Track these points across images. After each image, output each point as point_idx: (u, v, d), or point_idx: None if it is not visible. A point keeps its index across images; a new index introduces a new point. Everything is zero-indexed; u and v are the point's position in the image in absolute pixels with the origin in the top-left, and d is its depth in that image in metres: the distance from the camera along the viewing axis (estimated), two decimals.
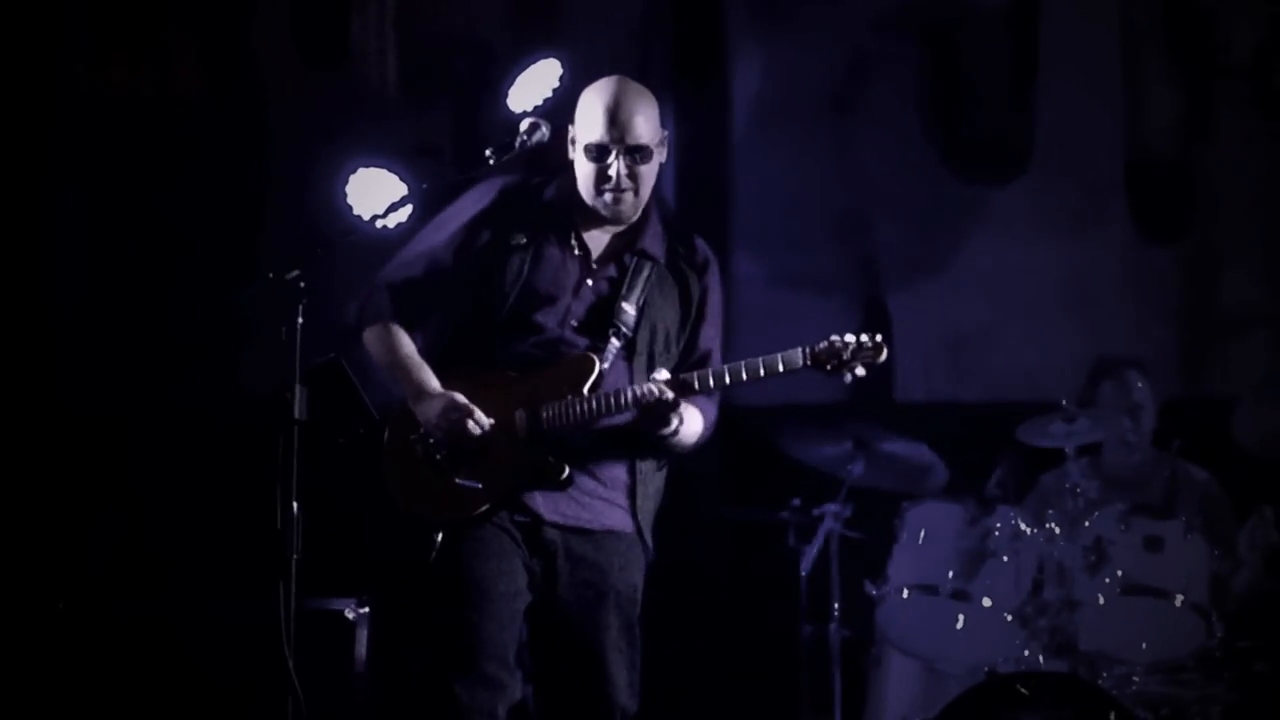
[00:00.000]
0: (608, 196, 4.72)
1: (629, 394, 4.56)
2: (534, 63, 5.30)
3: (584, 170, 4.73)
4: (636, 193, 4.73)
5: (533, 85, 5.27)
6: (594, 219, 4.79)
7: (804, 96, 7.96)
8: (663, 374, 4.56)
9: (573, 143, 4.76)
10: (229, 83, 7.84)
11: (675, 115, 7.21)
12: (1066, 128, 7.86)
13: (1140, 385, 6.85)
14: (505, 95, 5.32)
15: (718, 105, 7.93)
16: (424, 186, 4.87)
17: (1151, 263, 7.80)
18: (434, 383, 4.68)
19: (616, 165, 4.68)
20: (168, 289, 7.52)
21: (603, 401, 4.58)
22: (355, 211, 5.91)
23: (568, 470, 4.60)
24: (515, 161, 4.73)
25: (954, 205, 7.86)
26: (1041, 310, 7.72)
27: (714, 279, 4.88)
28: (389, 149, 6.56)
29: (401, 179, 5.73)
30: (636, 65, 7.79)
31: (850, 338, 4.52)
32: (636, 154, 4.70)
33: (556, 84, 5.25)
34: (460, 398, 4.61)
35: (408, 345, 4.76)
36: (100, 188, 7.65)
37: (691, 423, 4.66)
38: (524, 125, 4.72)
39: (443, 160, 7.61)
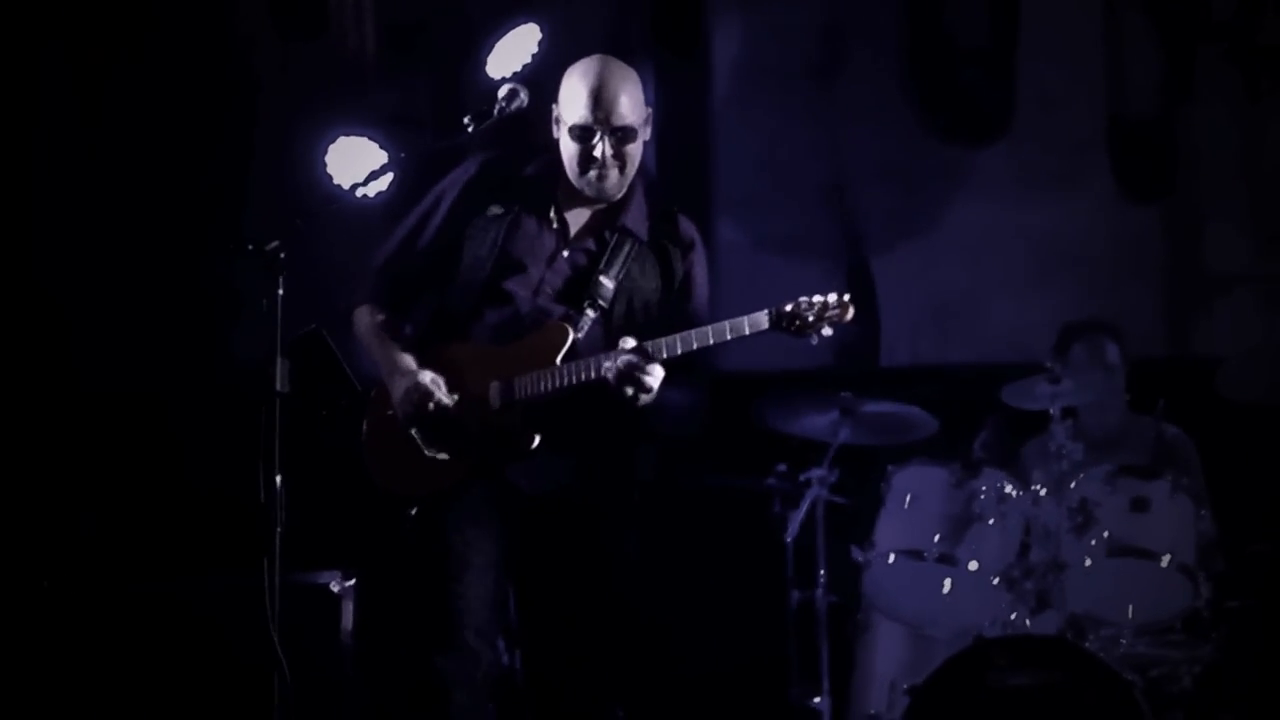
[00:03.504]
0: (592, 175, 4.70)
1: (600, 363, 4.53)
2: (512, 29, 5.28)
3: (569, 150, 4.71)
4: (622, 171, 4.72)
5: (511, 51, 5.26)
6: (577, 196, 4.78)
7: (784, 61, 7.94)
8: (629, 341, 4.52)
9: (557, 122, 4.74)
10: (209, 55, 7.78)
11: (655, 81, 7.18)
12: (1047, 88, 7.84)
13: (1111, 348, 6.84)
14: (484, 62, 5.29)
15: (698, 70, 7.90)
16: (403, 155, 4.85)
17: (1134, 222, 7.79)
18: (404, 360, 4.68)
19: (601, 146, 4.67)
20: (155, 266, 7.48)
21: (574, 370, 4.56)
22: (335, 180, 5.90)
23: (537, 439, 4.58)
24: (494, 128, 4.70)
25: (936, 167, 7.85)
26: (1025, 271, 7.71)
27: (699, 257, 4.86)
28: (369, 118, 6.54)
29: (381, 147, 5.71)
30: (616, 31, 7.75)
31: (817, 298, 4.49)
32: (621, 134, 4.68)
33: (535, 49, 5.24)
34: (425, 378, 4.60)
35: (386, 326, 4.76)
36: (85, 168, 7.59)
37: (668, 395, 4.62)
38: (502, 92, 4.71)
39: (422, 128, 7.58)
